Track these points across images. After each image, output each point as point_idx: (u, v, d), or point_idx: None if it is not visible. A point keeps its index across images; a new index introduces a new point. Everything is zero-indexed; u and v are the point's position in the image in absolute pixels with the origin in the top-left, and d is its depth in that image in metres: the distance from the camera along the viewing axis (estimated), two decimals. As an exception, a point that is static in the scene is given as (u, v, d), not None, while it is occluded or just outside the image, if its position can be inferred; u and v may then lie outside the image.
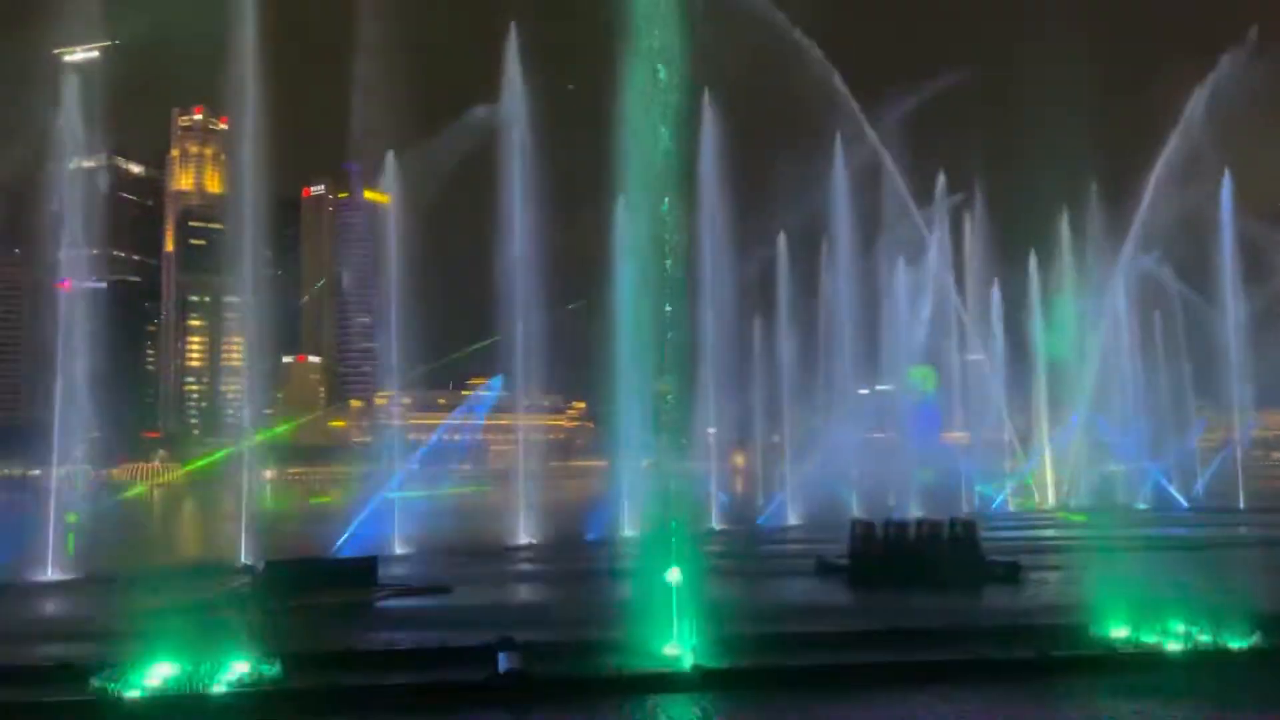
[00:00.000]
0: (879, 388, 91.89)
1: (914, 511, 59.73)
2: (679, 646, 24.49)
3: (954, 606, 35.06)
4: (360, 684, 22.85)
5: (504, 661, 23.64)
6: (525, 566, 53.89)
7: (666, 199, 25.74)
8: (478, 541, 60.94)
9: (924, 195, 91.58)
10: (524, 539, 61.31)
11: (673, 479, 25.39)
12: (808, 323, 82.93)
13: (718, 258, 70.77)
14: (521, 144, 65.43)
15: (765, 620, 28.55)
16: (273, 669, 22.94)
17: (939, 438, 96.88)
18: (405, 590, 41.52)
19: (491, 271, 64.40)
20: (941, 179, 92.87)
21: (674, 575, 24.58)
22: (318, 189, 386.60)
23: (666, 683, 23.46)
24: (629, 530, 57.81)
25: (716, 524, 66.28)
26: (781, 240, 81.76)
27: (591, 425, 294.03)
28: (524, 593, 46.29)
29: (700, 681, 23.37)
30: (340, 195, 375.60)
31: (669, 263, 25.17)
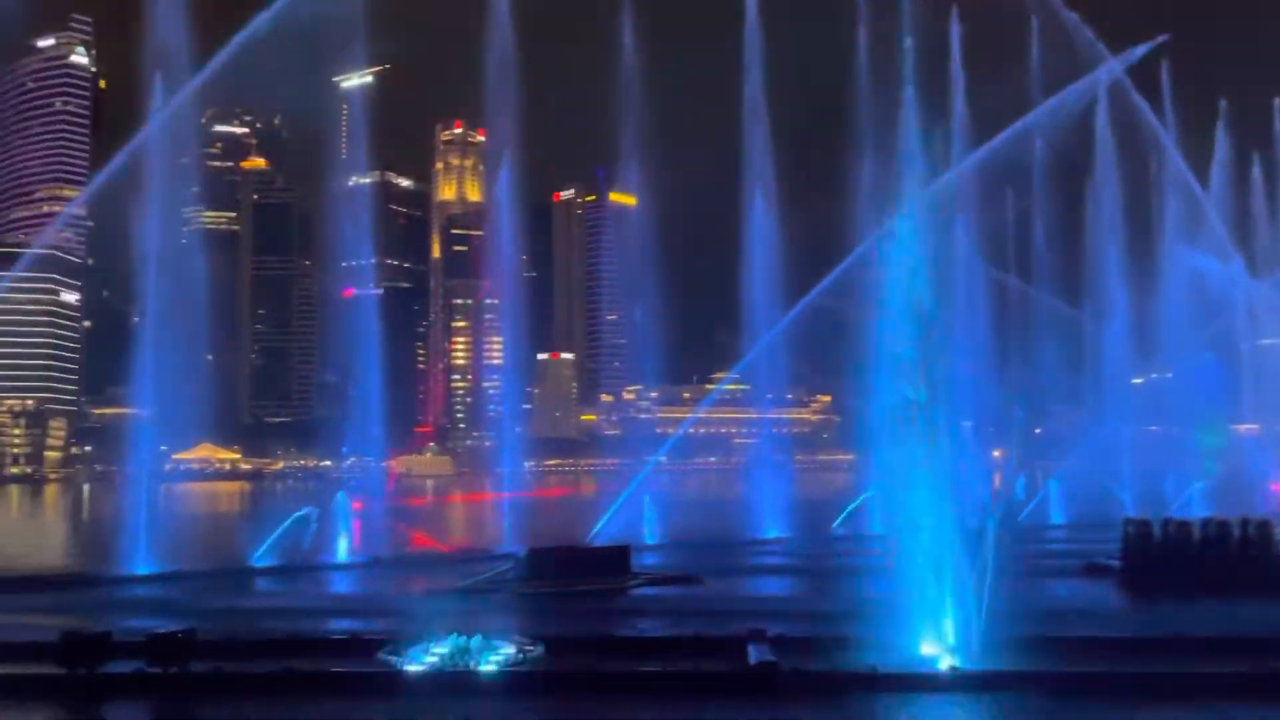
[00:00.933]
0: (1153, 375, 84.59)
1: (1197, 511, 54.61)
2: (936, 646, 23.65)
3: (1246, 615, 31.77)
4: (617, 670, 23.56)
5: (754, 654, 23.67)
6: (774, 560, 53.81)
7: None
8: (727, 534, 61.40)
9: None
10: (773, 532, 61.22)
11: (933, 474, 24.50)
12: (1070, 304, 77.61)
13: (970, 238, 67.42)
14: (763, 141, 65.31)
15: (1028, 622, 27.12)
16: (536, 651, 24.12)
17: (1227, 430, 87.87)
18: (657, 579, 42.49)
19: (736, 265, 64.70)
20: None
21: (932, 570, 23.75)
22: (567, 193, 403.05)
23: (921, 683, 22.71)
24: (880, 526, 56.48)
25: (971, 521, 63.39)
26: (1037, 220, 77.01)
27: (837, 418, 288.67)
28: (773, 586, 46.24)
29: (958, 684, 22.45)
30: (588, 199, 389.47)
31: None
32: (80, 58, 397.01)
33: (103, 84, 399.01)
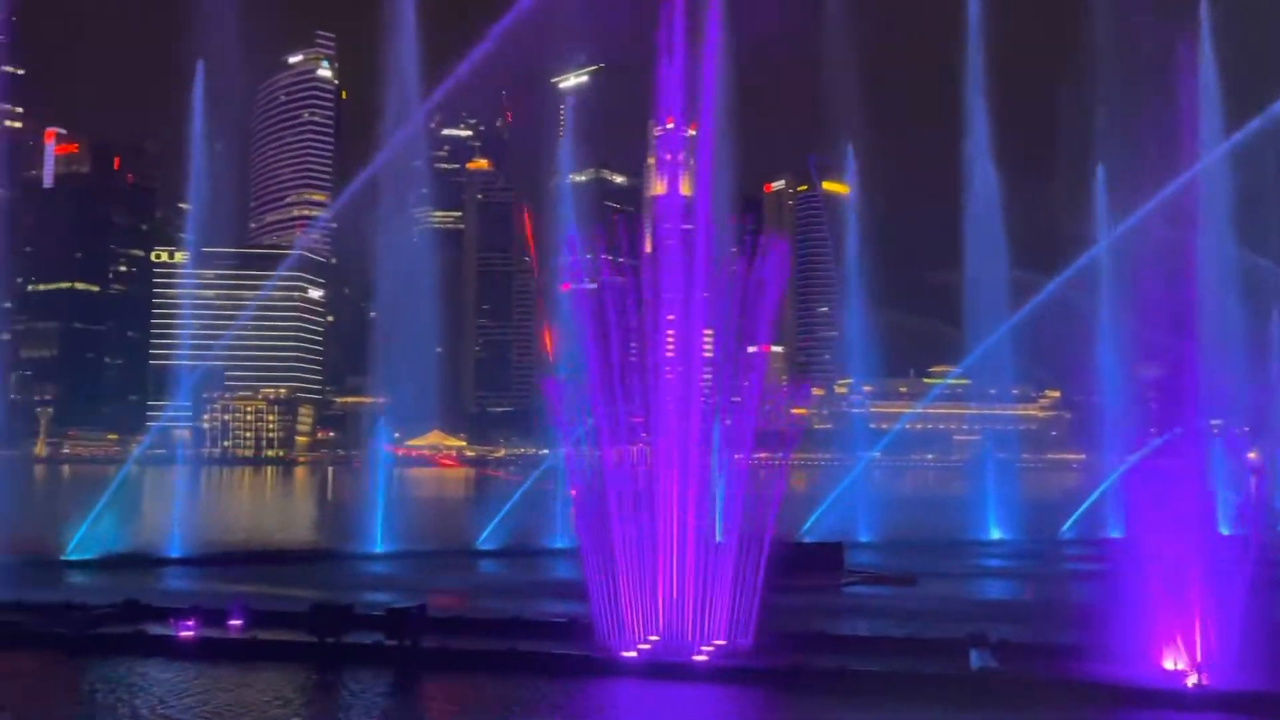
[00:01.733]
0: None
1: None
2: (1181, 660, 21.90)
3: None
4: (829, 667, 23.20)
5: (976, 658, 22.72)
6: (995, 562, 51.54)
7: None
8: (946, 534, 59.28)
9: None
10: (995, 534, 58.60)
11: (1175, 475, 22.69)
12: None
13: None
14: (984, 126, 62.57)
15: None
16: (746, 644, 24.11)
17: None
18: (871, 578, 41.55)
19: (956, 252, 62.26)
20: None
21: (1177, 580, 21.98)
22: (778, 184, 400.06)
23: (1160, 700, 21.08)
24: (1113, 529, 52.91)
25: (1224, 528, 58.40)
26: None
27: (1068, 415, 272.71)
28: (994, 588, 44.28)
29: (1204, 704, 20.70)
30: (800, 189, 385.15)
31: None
32: (325, 71, 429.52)
33: (344, 95, 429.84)
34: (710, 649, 23.94)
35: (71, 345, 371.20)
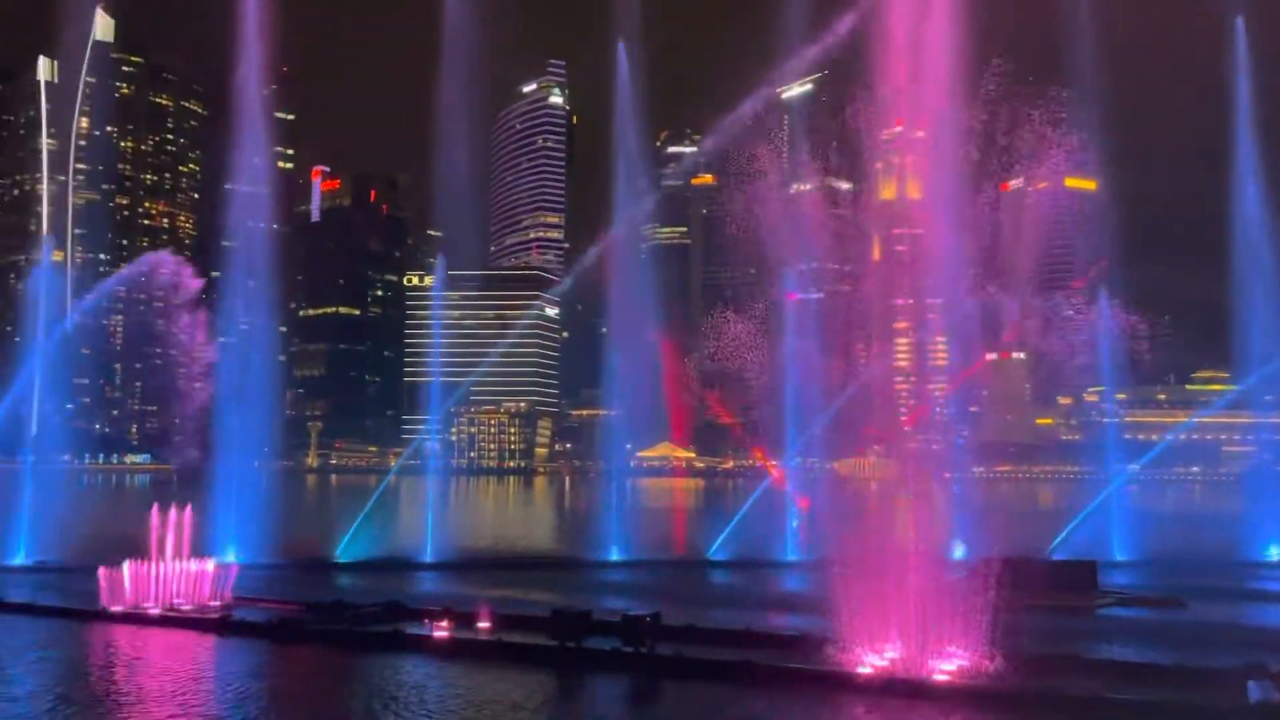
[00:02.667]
0: None
1: None
2: None
3: None
4: (1084, 694, 21.76)
5: (1254, 690, 20.68)
6: (1275, 585, 46.72)
7: None
8: (1215, 553, 54.30)
9: None
10: (1275, 554, 53.18)
11: None
12: None
13: None
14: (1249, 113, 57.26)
15: None
16: (991, 665, 23.02)
17: None
18: (1130, 600, 38.69)
19: (1222, 246, 57.13)
20: None
21: None
22: (1016, 182, 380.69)
23: None
24: None
25: None
26: None
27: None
28: (1274, 615, 40.08)
29: None
30: (1040, 186, 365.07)
31: None
32: (557, 98, 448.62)
33: (575, 120, 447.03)
34: (951, 669, 23.04)
35: (337, 365, 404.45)
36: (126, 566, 32.76)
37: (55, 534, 46.40)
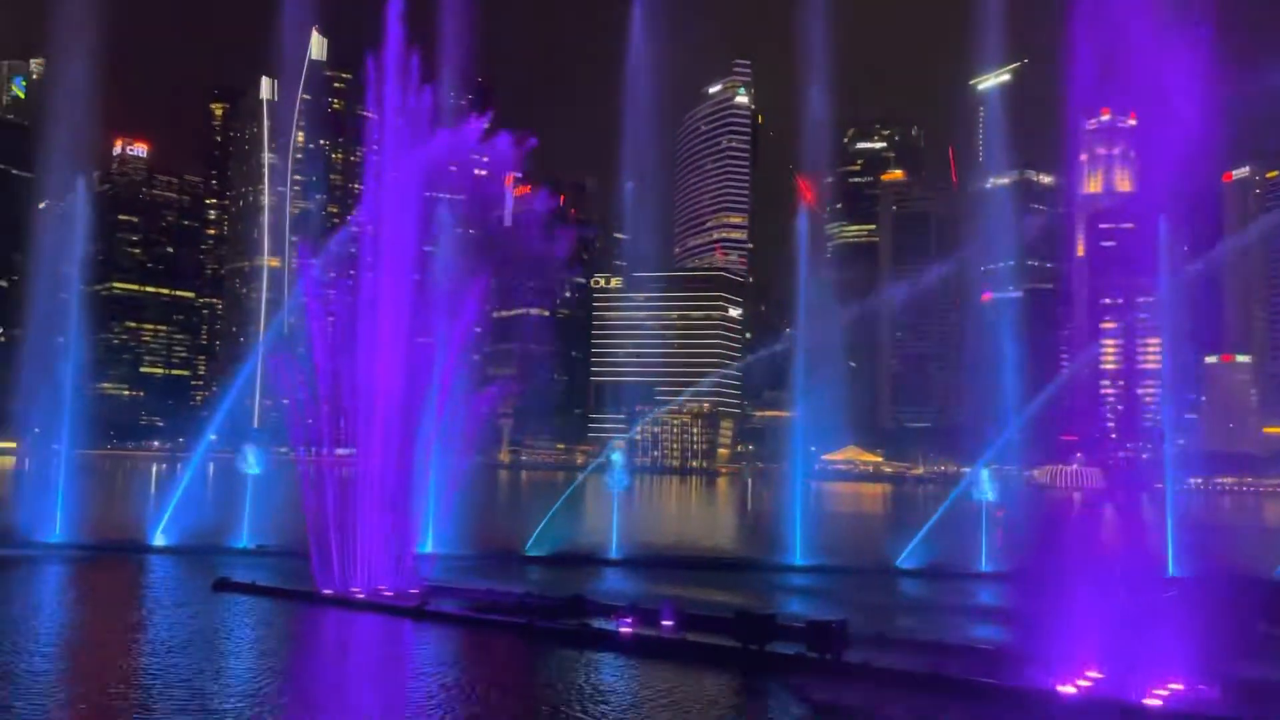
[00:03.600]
0: None
1: None
2: None
3: None
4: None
5: None
6: None
7: None
8: None
9: None
10: None
11: None
12: None
13: None
14: None
15: None
16: (1210, 693, 21.28)
17: None
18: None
19: None
20: None
21: None
22: (1241, 172, 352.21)
23: None
24: None
25: None
26: None
27: None
28: None
29: None
30: (1270, 175, 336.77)
31: None
32: (742, 98, 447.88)
33: (759, 119, 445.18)
34: (1165, 693, 21.43)
35: (527, 364, 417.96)
36: (336, 553, 34.88)
37: (273, 520, 49.90)
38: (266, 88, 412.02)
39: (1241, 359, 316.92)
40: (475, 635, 30.06)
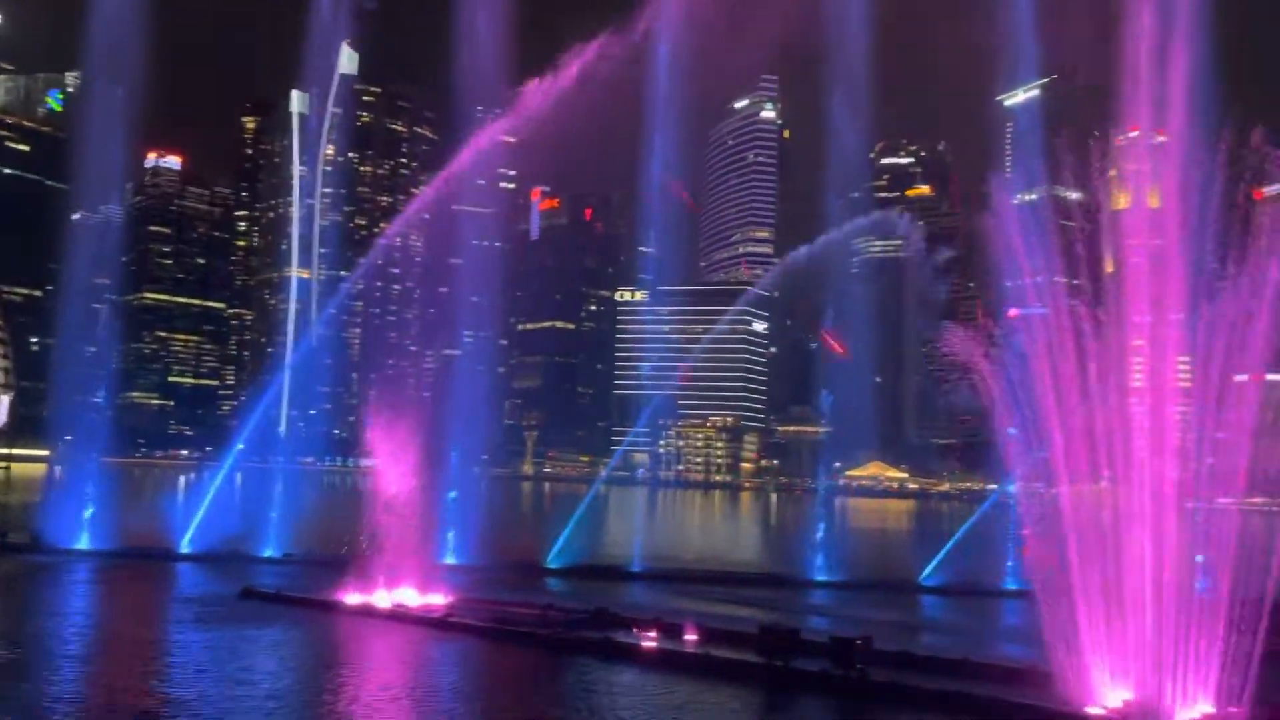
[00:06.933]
0: None
1: None
2: None
3: None
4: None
5: None
6: None
7: None
8: None
9: None
10: None
11: None
12: None
13: None
14: None
15: None
16: (1240, 710, 21.00)
17: None
18: None
19: None
20: None
21: None
22: (1272, 190, 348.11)
23: None
24: None
25: None
26: None
27: None
28: None
29: None
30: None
31: None
32: (768, 113, 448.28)
33: (786, 134, 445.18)
34: (1194, 714, 21.18)
35: (552, 377, 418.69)
36: (360, 564, 35.09)
37: (302, 529, 50.26)
38: (297, 101, 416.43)
39: (1273, 377, 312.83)
40: (499, 647, 30.12)
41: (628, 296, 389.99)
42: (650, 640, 28.36)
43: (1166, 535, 22.76)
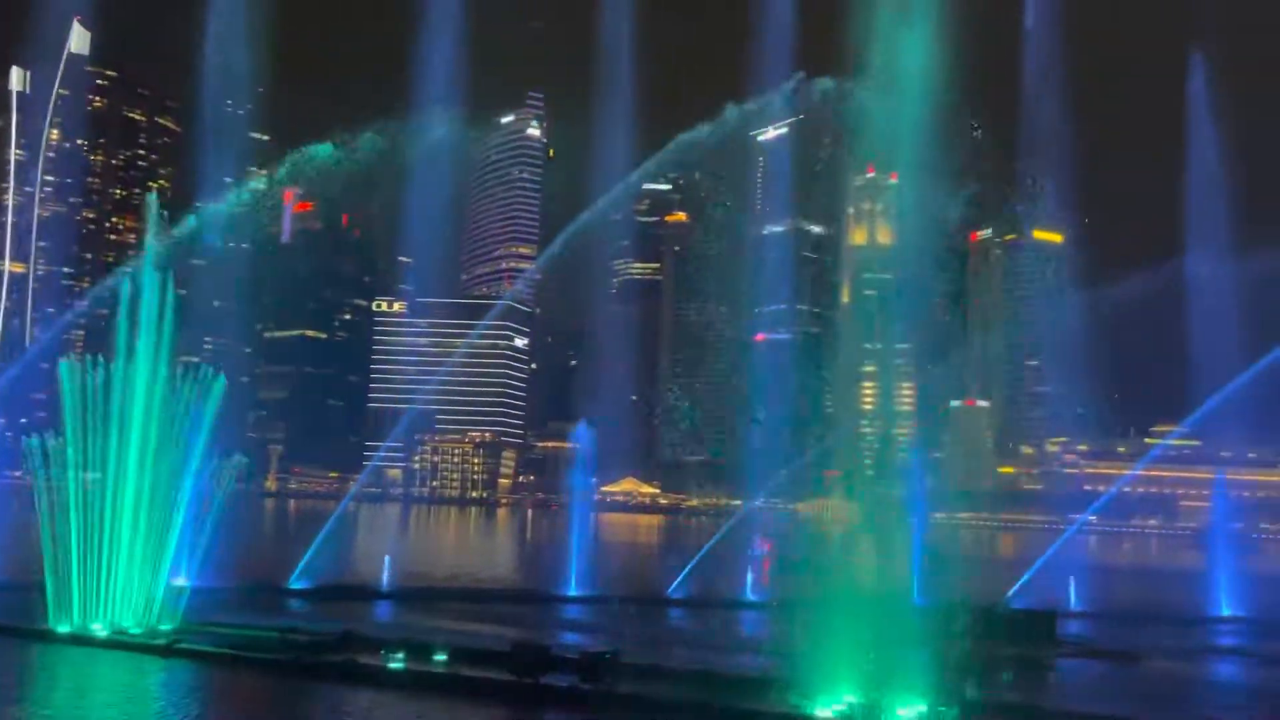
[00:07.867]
0: None
1: None
2: None
3: None
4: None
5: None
6: (1228, 640, 47.14)
7: None
8: (1170, 608, 54.76)
9: None
10: (1227, 610, 53.68)
11: None
12: None
13: None
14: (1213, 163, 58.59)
15: None
16: (950, 713, 22.92)
17: None
18: (1088, 651, 38.83)
19: (1181, 301, 58.16)
20: None
21: None
22: (985, 233, 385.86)
23: None
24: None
25: None
26: None
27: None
28: (1227, 670, 40.42)
29: None
30: (1008, 238, 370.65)
31: None
32: (534, 130, 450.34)
33: (550, 153, 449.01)
34: (910, 714, 22.93)
35: (301, 388, 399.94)
36: (74, 586, 31.98)
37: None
38: (17, 78, 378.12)
39: (981, 403, 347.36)
40: (232, 674, 28.30)
41: (385, 307, 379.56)
42: (398, 662, 27.56)
43: (886, 547, 24.57)
